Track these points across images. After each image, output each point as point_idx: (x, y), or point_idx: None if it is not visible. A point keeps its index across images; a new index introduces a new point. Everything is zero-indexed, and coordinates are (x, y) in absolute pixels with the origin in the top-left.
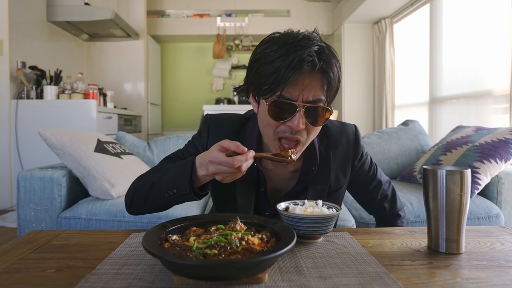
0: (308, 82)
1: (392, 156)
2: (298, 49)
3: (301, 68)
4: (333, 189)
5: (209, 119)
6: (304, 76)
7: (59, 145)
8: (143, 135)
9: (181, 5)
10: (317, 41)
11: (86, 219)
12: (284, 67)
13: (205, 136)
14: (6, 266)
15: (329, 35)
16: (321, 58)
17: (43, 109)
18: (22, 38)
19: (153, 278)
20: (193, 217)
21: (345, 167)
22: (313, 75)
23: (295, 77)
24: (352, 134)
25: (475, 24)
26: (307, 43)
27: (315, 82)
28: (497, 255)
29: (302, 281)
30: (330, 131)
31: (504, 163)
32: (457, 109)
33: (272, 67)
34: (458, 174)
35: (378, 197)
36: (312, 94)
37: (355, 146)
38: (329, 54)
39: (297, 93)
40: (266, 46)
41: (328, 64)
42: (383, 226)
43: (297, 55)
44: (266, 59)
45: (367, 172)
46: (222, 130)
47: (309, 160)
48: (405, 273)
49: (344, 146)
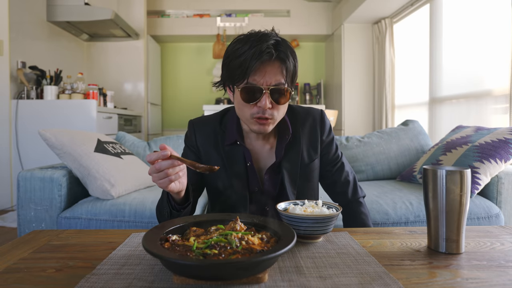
0: (270, 69)
1: (392, 156)
2: (259, 44)
3: (261, 57)
4: (306, 161)
5: (193, 122)
6: (266, 64)
7: (59, 145)
8: (143, 135)
9: (181, 5)
10: (274, 36)
11: (86, 219)
12: (248, 58)
13: (193, 138)
14: (6, 266)
15: (329, 35)
16: (277, 49)
17: (43, 109)
18: (22, 38)
19: (153, 278)
20: (193, 217)
21: (315, 142)
22: (272, 63)
23: (258, 65)
24: (318, 115)
25: (475, 24)
26: (266, 38)
27: (275, 69)
28: (497, 255)
29: (302, 281)
30: (299, 113)
31: (504, 163)
32: (457, 109)
33: (240, 60)
34: (458, 174)
35: (341, 180)
36: (274, 79)
37: (321, 123)
38: (284, 45)
39: (261, 78)
40: (234, 45)
41: (284, 54)
42: (349, 216)
43: (257, 48)
44: (234, 54)
45: (334, 153)
46: (207, 127)
47: (283, 137)
48: (405, 273)
49: (312, 123)
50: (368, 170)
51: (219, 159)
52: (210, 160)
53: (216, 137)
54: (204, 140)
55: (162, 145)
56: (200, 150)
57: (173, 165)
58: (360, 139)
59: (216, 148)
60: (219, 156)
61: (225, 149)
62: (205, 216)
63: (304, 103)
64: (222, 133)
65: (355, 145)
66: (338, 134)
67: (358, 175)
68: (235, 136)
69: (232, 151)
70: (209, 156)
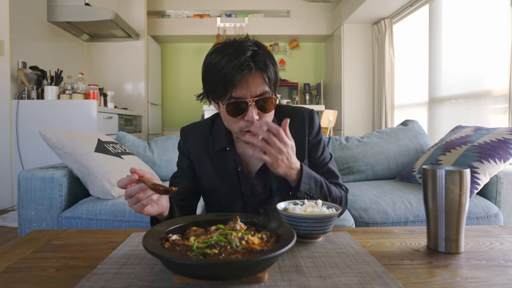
0: (252, 81)
1: (391, 156)
2: (236, 56)
3: (241, 72)
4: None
5: (185, 130)
6: (247, 77)
7: (59, 145)
8: (144, 135)
9: (181, 5)
10: (250, 46)
11: (86, 219)
12: (228, 73)
13: (185, 146)
14: (7, 265)
15: (329, 35)
16: (255, 60)
17: (44, 109)
18: (23, 38)
19: (153, 277)
20: (193, 217)
21: (302, 142)
22: (253, 74)
23: (239, 79)
24: (307, 114)
25: (474, 25)
26: (243, 49)
27: (257, 79)
28: (496, 255)
29: (302, 280)
30: (286, 111)
31: (503, 163)
32: (456, 109)
33: (220, 75)
34: (457, 174)
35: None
36: (258, 89)
37: (310, 122)
38: (262, 54)
39: (244, 92)
40: (212, 57)
41: (263, 63)
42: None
43: (236, 62)
44: (214, 68)
45: (319, 157)
46: (198, 134)
47: None
48: (404, 273)
49: (300, 122)
50: (367, 170)
51: (210, 165)
52: (202, 166)
53: (207, 143)
54: (196, 147)
55: (131, 169)
56: (192, 157)
57: (142, 189)
58: (359, 139)
59: (207, 153)
60: (210, 161)
61: (216, 155)
62: (205, 216)
63: (304, 103)
64: (212, 138)
65: (355, 145)
66: (337, 134)
67: (357, 175)
68: (224, 142)
69: (223, 156)
70: (201, 162)
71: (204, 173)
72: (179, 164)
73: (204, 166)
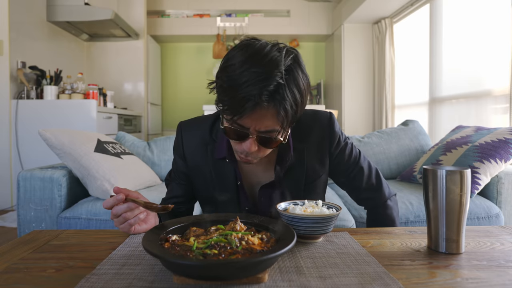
0: (263, 114)
1: (392, 156)
2: (258, 81)
3: (254, 102)
4: (310, 179)
5: (182, 127)
6: (258, 109)
7: (59, 145)
8: (143, 135)
9: (181, 5)
10: (278, 74)
11: (86, 219)
12: (239, 98)
13: (181, 148)
14: (6, 266)
15: (329, 35)
16: (275, 98)
17: (43, 109)
18: (22, 38)
19: (153, 278)
20: (193, 217)
21: (322, 156)
22: (267, 106)
23: (249, 110)
24: (326, 121)
25: (475, 24)
26: (269, 75)
27: (269, 114)
28: (497, 255)
29: (302, 281)
30: (302, 121)
31: (504, 163)
32: (457, 109)
33: (230, 93)
34: (458, 174)
35: (363, 185)
36: (264, 125)
37: (330, 133)
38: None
39: (249, 123)
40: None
41: (284, 99)
42: (373, 219)
43: (253, 89)
44: (229, 80)
45: (347, 161)
46: (196, 135)
47: (283, 153)
48: (405, 273)
49: (318, 134)
50: None
51: (208, 174)
52: (198, 174)
53: (205, 147)
54: (192, 151)
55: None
56: (188, 162)
57: (130, 209)
58: (360, 139)
59: (205, 160)
60: (208, 170)
61: (215, 163)
62: (205, 216)
63: None
64: (212, 143)
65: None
66: None
67: None
68: (225, 152)
69: (222, 166)
70: (197, 169)
71: (201, 183)
72: (174, 166)
73: (200, 175)
